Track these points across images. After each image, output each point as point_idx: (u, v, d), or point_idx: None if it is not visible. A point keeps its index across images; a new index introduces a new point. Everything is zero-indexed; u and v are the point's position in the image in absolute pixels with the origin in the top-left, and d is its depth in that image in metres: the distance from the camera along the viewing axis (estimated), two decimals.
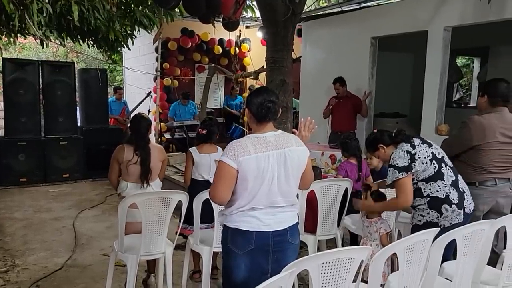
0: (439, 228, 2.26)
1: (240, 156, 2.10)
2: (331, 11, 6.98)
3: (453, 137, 3.24)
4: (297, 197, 3.24)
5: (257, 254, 2.18)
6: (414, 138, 2.83)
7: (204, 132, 3.57)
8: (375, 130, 3.07)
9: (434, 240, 2.22)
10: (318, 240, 3.58)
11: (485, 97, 3.18)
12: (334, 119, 6.24)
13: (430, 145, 2.81)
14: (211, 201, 2.91)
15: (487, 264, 2.63)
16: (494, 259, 2.83)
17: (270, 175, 2.14)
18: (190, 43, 9.64)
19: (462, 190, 2.78)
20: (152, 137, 3.55)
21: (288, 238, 2.24)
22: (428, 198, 2.76)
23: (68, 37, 6.76)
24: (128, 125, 5.78)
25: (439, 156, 2.79)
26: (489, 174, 3.08)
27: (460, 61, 11.90)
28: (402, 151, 2.76)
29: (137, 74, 9.88)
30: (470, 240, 2.32)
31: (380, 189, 3.16)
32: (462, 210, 2.72)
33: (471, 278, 2.47)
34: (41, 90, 7.14)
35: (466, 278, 2.42)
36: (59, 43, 6.81)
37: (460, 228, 2.32)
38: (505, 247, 2.63)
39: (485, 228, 2.39)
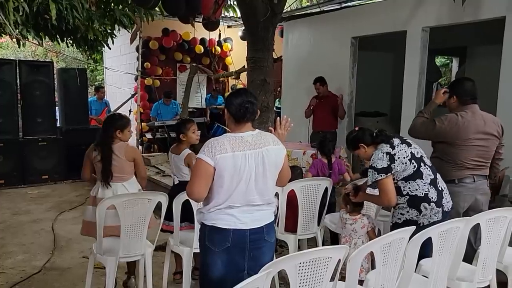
0: (415, 227, 2.29)
1: (217, 153, 2.13)
2: (312, 11, 7.03)
3: (431, 126, 3.24)
4: (277, 196, 3.30)
5: (234, 251, 2.21)
6: (394, 139, 2.86)
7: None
8: (357, 128, 3.08)
9: (410, 238, 2.25)
10: (299, 239, 3.60)
11: (454, 98, 3.24)
12: (315, 119, 6.28)
13: (409, 145, 2.85)
14: (190, 201, 2.94)
15: (467, 260, 2.69)
16: (472, 255, 2.88)
17: (247, 174, 2.16)
18: (172, 42, 9.58)
19: (440, 189, 2.83)
20: (132, 136, 3.52)
21: (265, 236, 2.27)
22: (408, 197, 2.80)
23: (46, 36, 6.66)
24: None
25: (418, 156, 2.83)
26: (467, 171, 3.14)
27: (439, 60, 12.09)
28: (381, 152, 2.79)
29: (118, 73, 9.79)
30: (445, 238, 2.36)
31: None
32: (440, 208, 2.77)
33: (447, 274, 2.52)
34: (18, 90, 7.01)
35: (442, 275, 2.47)
36: (37, 43, 6.68)
37: (435, 226, 2.36)
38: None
39: (460, 226, 2.44)
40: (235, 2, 6.28)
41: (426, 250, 2.42)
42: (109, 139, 3.26)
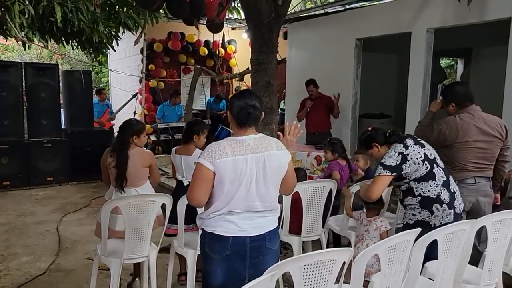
0: (420, 229, 2.28)
1: (217, 158, 2.08)
2: (316, 12, 7.02)
3: (430, 131, 3.25)
4: (282, 200, 3.29)
5: (234, 259, 2.16)
6: (407, 139, 2.87)
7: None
8: (370, 128, 3.08)
9: (416, 240, 2.24)
10: (303, 241, 3.59)
11: (452, 105, 3.24)
12: (309, 120, 6.27)
13: (422, 146, 2.85)
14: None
15: (471, 262, 2.67)
16: (477, 258, 2.87)
17: (248, 178, 2.12)
18: (180, 45, 9.63)
19: (453, 191, 2.82)
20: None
21: (266, 243, 2.21)
22: (420, 198, 2.80)
23: (51, 39, 6.68)
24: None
25: (431, 157, 2.83)
26: (468, 172, 3.14)
27: (444, 62, 12.06)
28: (394, 151, 2.80)
29: (123, 75, 9.82)
30: (451, 240, 2.35)
31: None
32: (452, 210, 2.77)
33: (453, 277, 2.50)
34: (24, 92, 7.05)
35: (447, 278, 2.45)
36: (42, 45, 6.71)
37: (441, 228, 2.35)
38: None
39: (466, 228, 2.42)
40: (239, 4, 6.29)
41: (432, 252, 2.41)
42: (125, 145, 3.25)
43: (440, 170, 2.83)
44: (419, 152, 2.79)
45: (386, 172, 2.77)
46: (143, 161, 3.30)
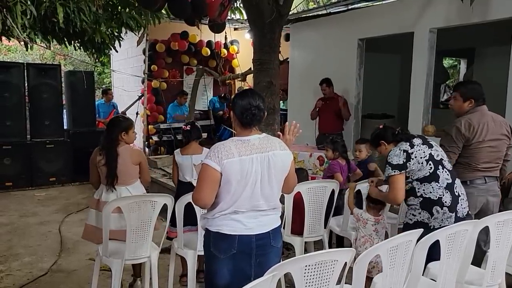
0: (423, 229, 2.27)
1: (224, 158, 2.08)
2: (319, 13, 7.02)
3: (445, 143, 3.23)
4: (284, 201, 3.28)
5: (240, 258, 2.16)
6: (415, 138, 2.87)
7: (188, 128, 3.56)
8: (381, 126, 3.11)
9: (418, 241, 2.23)
10: (305, 242, 3.58)
11: (470, 101, 3.19)
12: (321, 120, 6.24)
13: (430, 146, 2.84)
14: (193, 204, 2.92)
15: (476, 263, 2.65)
16: (482, 258, 2.85)
17: (254, 178, 2.12)
18: (186, 45, 9.65)
19: (457, 194, 2.80)
20: (139, 139, 3.49)
21: (271, 241, 2.22)
22: (421, 198, 2.79)
23: (54, 40, 6.70)
24: None
25: (437, 158, 2.81)
26: (479, 172, 3.13)
27: (447, 62, 12.02)
28: (399, 149, 2.81)
29: (126, 76, 9.84)
30: (454, 241, 2.33)
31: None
32: (453, 214, 2.75)
33: (455, 278, 2.48)
34: (26, 92, 7.06)
35: (450, 278, 2.43)
36: (45, 46, 6.72)
37: (443, 228, 2.34)
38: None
39: (468, 228, 2.40)
40: (241, 4, 6.29)
41: (434, 253, 2.39)
42: (114, 142, 3.24)
43: (445, 172, 2.80)
44: (424, 152, 2.78)
45: (395, 171, 2.77)
46: (133, 158, 3.29)
